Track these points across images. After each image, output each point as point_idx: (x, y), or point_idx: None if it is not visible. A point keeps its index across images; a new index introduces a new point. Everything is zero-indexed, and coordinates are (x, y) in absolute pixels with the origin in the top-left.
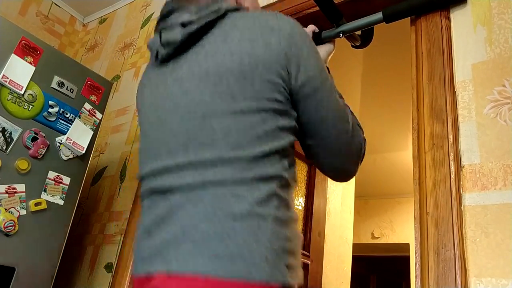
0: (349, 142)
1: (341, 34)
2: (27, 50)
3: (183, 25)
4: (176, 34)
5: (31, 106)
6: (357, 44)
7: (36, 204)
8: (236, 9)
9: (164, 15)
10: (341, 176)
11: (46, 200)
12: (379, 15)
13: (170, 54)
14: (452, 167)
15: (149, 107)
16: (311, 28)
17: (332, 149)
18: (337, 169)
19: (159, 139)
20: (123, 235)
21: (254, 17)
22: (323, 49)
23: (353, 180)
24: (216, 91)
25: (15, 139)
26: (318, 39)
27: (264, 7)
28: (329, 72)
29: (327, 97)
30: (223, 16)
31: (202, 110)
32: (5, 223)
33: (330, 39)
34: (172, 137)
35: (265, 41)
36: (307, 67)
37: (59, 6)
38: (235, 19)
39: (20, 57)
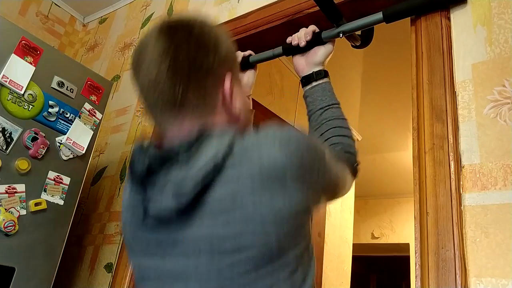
0: (343, 181)
1: (341, 34)
2: (27, 50)
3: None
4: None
5: (31, 106)
6: (357, 44)
7: (36, 204)
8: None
9: (134, 166)
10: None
11: (46, 200)
12: (379, 15)
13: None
14: (452, 167)
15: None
16: (312, 28)
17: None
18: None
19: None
20: (123, 235)
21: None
22: (322, 50)
23: None
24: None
25: (15, 139)
26: (318, 39)
27: (264, 7)
28: (326, 75)
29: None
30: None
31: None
32: (5, 223)
33: (330, 40)
34: None
35: None
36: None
37: (59, 6)
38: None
39: (20, 57)
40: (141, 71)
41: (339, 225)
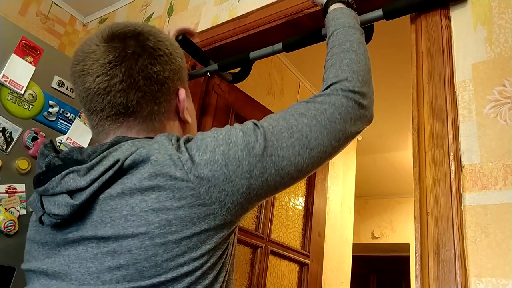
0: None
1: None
2: (27, 50)
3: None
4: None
5: (31, 106)
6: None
7: None
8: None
9: (41, 175)
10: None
11: None
12: (379, 12)
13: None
14: (452, 167)
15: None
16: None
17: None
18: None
19: None
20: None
21: None
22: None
23: (353, 180)
24: None
25: (15, 139)
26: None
27: (264, 7)
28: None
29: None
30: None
31: None
32: (5, 223)
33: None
34: None
35: None
36: None
37: (59, 6)
38: None
39: (20, 57)
40: (87, 77)
41: (339, 225)
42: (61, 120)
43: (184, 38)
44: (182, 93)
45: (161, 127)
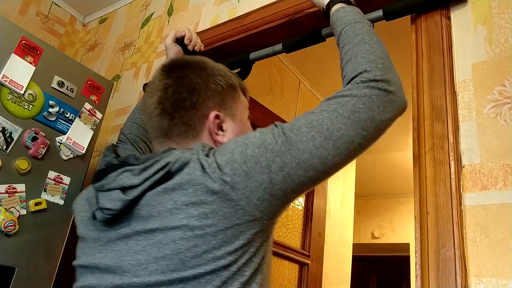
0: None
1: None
2: (27, 49)
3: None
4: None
5: (31, 106)
6: None
7: (36, 204)
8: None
9: (100, 172)
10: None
11: (46, 200)
12: (379, 12)
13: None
14: (452, 167)
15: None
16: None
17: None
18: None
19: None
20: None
21: None
22: None
23: (353, 180)
24: None
25: (15, 139)
26: (318, 37)
27: (264, 7)
28: (336, 1)
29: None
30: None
31: None
32: (5, 223)
33: None
34: None
35: None
36: None
37: (59, 6)
38: None
39: (20, 57)
40: (147, 103)
41: (339, 225)
42: (61, 120)
43: (180, 43)
44: (212, 116)
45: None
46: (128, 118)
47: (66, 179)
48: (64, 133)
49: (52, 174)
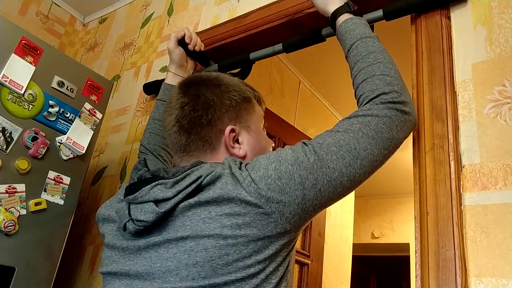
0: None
1: None
2: (27, 49)
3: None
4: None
5: (31, 106)
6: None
7: (36, 204)
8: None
9: (133, 185)
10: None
11: (46, 200)
12: (379, 12)
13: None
14: (452, 167)
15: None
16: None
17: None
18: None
19: None
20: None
21: None
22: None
23: None
24: None
25: (15, 139)
26: (318, 37)
27: (264, 7)
28: (343, 11)
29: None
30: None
31: None
32: (5, 223)
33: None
34: None
35: None
36: None
37: (59, 6)
38: None
39: (20, 57)
40: (166, 120)
41: (339, 225)
42: (61, 120)
43: (182, 44)
44: (228, 130)
45: (216, 159)
46: (145, 130)
47: (66, 179)
48: (64, 133)
49: (52, 174)
